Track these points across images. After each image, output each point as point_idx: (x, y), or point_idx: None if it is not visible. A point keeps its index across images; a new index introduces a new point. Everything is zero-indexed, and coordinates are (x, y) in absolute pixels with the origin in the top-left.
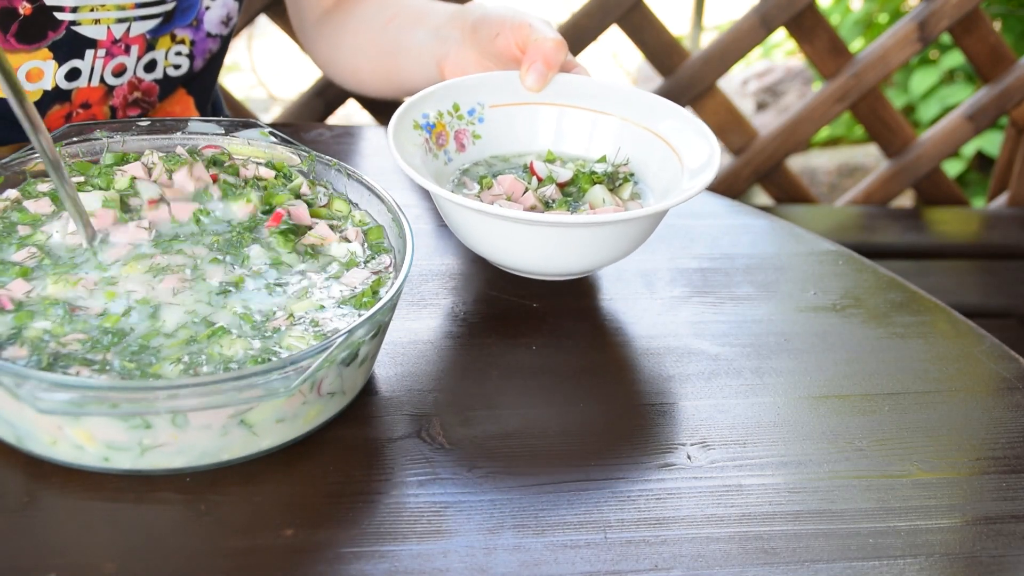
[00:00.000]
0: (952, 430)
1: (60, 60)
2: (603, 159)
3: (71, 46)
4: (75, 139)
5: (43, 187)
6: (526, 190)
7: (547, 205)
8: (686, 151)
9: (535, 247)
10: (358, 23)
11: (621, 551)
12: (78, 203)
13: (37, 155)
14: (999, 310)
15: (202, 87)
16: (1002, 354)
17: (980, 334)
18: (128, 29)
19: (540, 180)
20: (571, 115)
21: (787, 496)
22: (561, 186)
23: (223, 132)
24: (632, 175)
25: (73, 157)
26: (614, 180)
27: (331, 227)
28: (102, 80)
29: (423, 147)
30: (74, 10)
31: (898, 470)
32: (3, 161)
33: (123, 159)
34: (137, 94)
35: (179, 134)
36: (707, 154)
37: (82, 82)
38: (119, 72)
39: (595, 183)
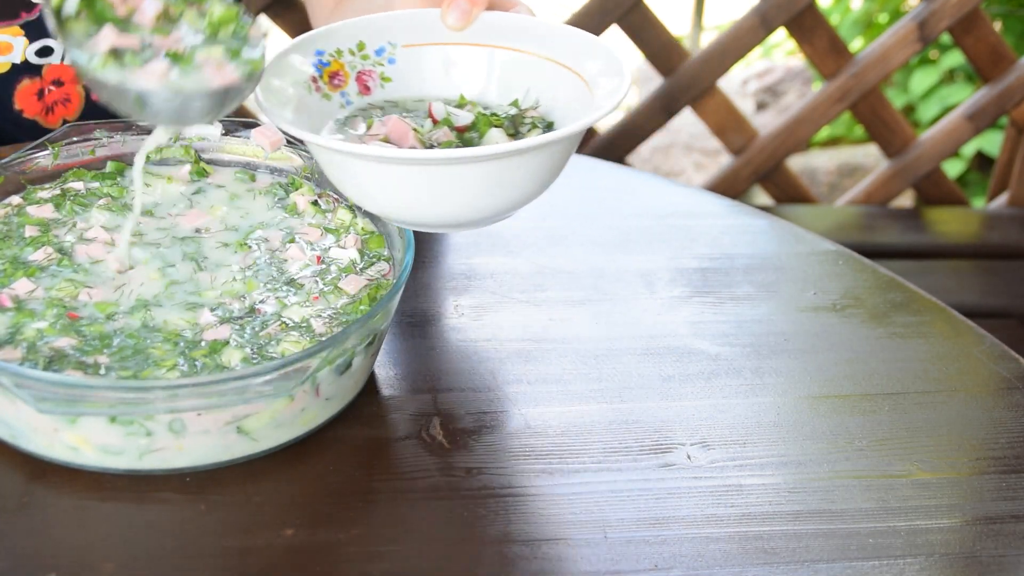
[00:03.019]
0: (952, 430)
1: (31, 38)
2: (516, 103)
3: (42, 26)
4: (75, 139)
5: (44, 193)
6: (414, 132)
7: (431, 148)
8: (598, 87)
9: (396, 189)
10: (363, 4)
11: (621, 551)
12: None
13: (38, 156)
14: (999, 310)
15: None
16: (1002, 354)
17: (980, 334)
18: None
19: (436, 123)
20: (494, 56)
21: (787, 496)
22: (461, 130)
23: (224, 132)
24: (543, 120)
25: (73, 158)
26: (518, 124)
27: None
28: None
29: (306, 86)
30: None
31: (898, 470)
32: (3, 161)
33: (122, 170)
34: None
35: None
36: (614, 89)
37: (54, 59)
38: None
39: (494, 126)
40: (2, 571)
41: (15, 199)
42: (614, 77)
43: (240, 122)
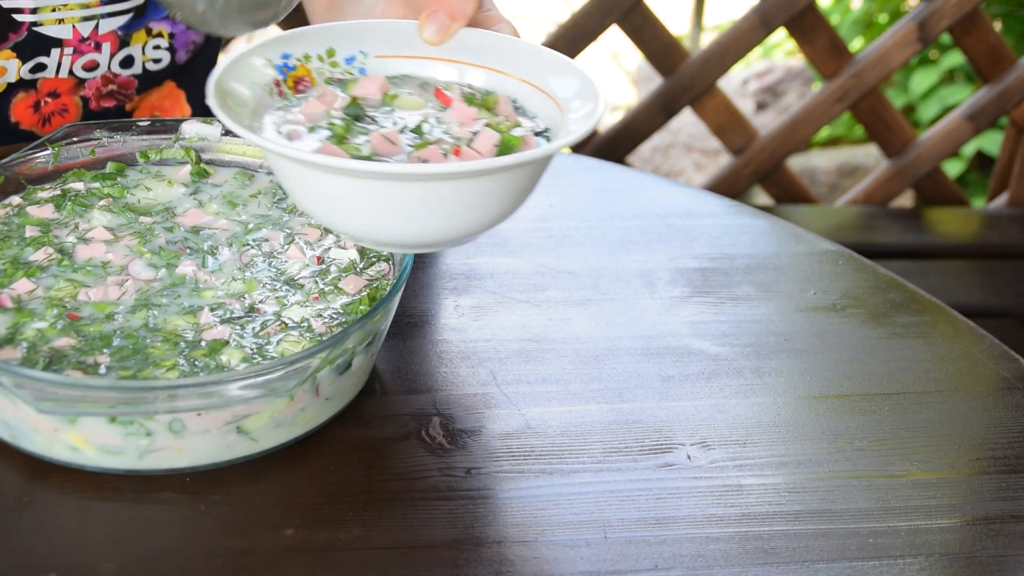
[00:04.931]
0: (952, 430)
1: (24, 58)
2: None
3: (34, 46)
4: (75, 139)
5: (44, 194)
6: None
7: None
8: (572, 110)
9: (358, 204)
10: (351, 4)
11: (621, 551)
12: None
13: (38, 156)
14: (999, 310)
15: (194, 79)
16: (1002, 354)
17: (980, 334)
18: (96, 27)
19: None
20: (469, 73)
21: (787, 496)
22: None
23: (224, 131)
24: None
25: (73, 158)
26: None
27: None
28: (71, 73)
29: (268, 88)
30: (34, 11)
31: (898, 470)
32: (3, 161)
33: (122, 170)
34: (112, 87)
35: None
36: (588, 113)
37: (48, 73)
38: (90, 67)
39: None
40: (2, 571)
41: (15, 199)
42: (588, 101)
43: None
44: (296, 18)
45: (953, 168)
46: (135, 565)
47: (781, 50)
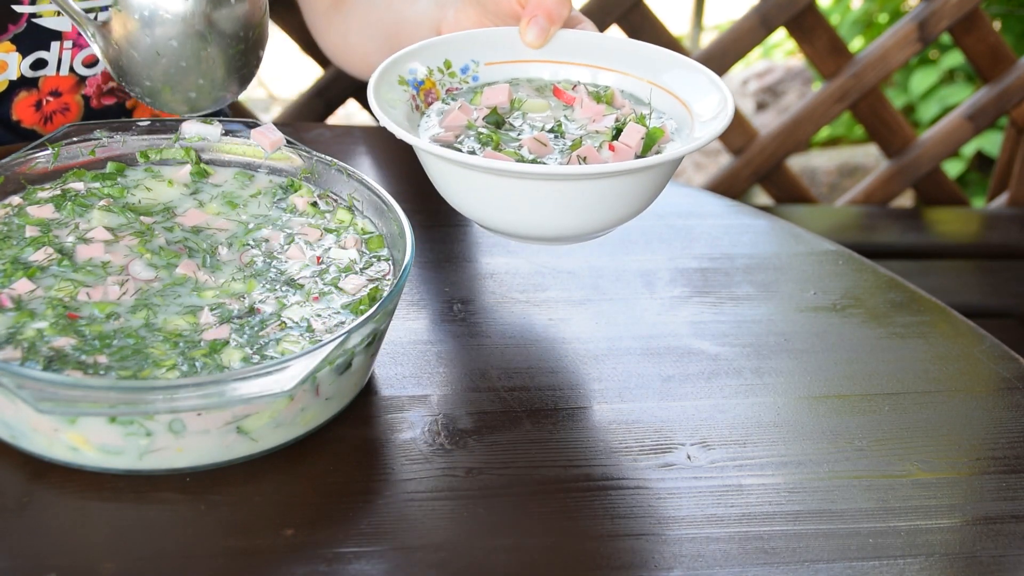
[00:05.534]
0: (952, 430)
1: (24, 52)
2: (642, 118)
3: (34, 38)
4: (75, 139)
5: (44, 194)
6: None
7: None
8: (697, 104)
9: (515, 202)
10: (364, 5)
11: (621, 551)
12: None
13: (38, 156)
14: (999, 310)
15: None
16: (1002, 354)
17: (980, 334)
18: (95, 19)
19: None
20: (573, 72)
21: (787, 496)
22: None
23: (224, 132)
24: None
25: (73, 158)
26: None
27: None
28: (72, 70)
29: (409, 104)
30: (33, 2)
31: (898, 470)
32: (3, 161)
33: (122, 170)
34: (112, 84)
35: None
36: (719, 102)
37: (49, 71)
38: (90, 63)
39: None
40: (2, 571)
41: (15, 199)
42: (712, 87)
43: (240, 121)
44: (296, 19)
45: (953, 168)
46: (135, 565)
47: (781, 50)
